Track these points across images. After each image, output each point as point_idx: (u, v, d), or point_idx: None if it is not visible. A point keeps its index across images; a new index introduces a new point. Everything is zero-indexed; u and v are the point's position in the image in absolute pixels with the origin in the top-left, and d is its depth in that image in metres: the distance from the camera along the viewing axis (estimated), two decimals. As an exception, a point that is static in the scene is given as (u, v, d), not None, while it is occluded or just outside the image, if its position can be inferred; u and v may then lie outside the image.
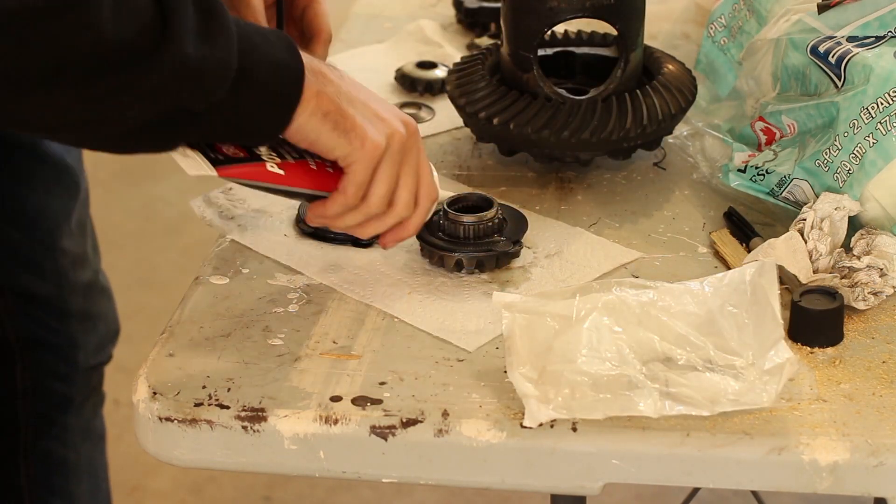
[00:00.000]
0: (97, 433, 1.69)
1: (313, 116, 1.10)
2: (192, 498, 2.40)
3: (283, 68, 1.09)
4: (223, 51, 1.04)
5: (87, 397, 1.64)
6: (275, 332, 1.15)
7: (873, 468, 1.02)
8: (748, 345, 1.06)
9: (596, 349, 1.05)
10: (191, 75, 1.03)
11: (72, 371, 1.60)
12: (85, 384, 1.63)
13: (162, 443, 1.08)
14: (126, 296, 2.89)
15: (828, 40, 1.28)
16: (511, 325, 1.07)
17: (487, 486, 1.06)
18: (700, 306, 1.07)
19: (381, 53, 1.68)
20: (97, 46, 0.98)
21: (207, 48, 1.03)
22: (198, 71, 1.03)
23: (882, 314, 1.17)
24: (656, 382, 1.04)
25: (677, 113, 1.37)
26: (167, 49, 1.00)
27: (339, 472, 1.07)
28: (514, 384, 1.05)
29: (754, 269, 1.07)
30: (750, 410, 1.04)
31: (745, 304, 1.07)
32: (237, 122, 1.08)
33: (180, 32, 1.01)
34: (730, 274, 1.08)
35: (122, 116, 1.03)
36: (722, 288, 1.08)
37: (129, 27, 0.99)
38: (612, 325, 1.06)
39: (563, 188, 1.37)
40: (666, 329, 1.06)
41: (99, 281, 1.65)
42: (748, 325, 1.06)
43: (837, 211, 1.21)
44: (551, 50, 1.49)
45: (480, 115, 1.36)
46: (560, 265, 1.24)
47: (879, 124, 1.20)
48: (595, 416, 1.04)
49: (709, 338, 1.06)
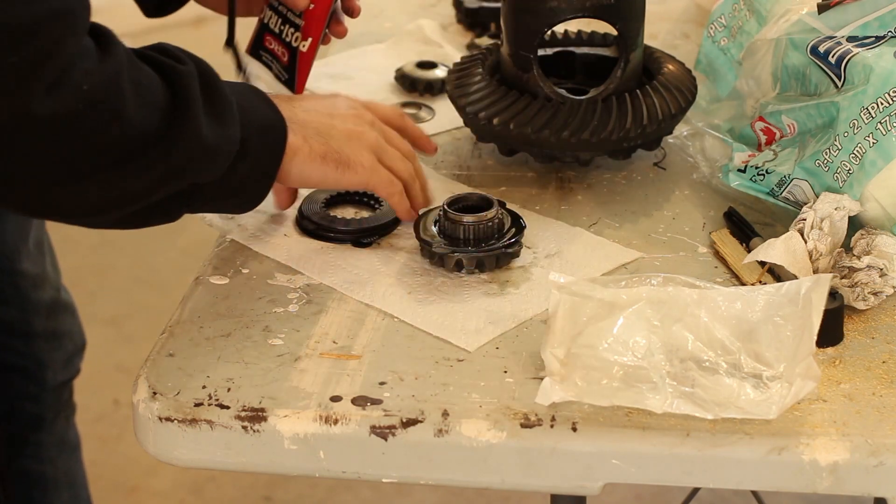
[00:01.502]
0: (71, 444, 1.69)
1: (311, 161, 1.19)
2: (192, 498, 2.40)
3: (271, 128, 1.17)
4: (230, 127, 1.11)
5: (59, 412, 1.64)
6: (275, 332, 1.15)
7: (873, 468, 1.02)
8: (783, 357, 1.06)
9: (624, 339, 1.06)
10: (207, 154, 1.09)
11: (41, 390, 1.60)
12: (55, 401, 1.62)
13: (162, 443, 1.08)
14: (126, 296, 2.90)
15: (828, 40, 1.28)
16: (556, 305, 1.08)
17: (487, 486, 1.06)
18: (749, 312, 1.07)
19: (381, 53, 1.68)
20: (124, 135, 1.04)
21: (218, 126, 1.10)
22: (213, 149, 1.10)
23: (882, 314, 1.17)
24: (675, 380, 1.04)
25: (677, 113, 1.37)
26: (185, 132, 1.07)
27: (339, 472, 1.07)
28: (545, 362, 1.06)
29: (811, 282, 1.07)
30: (750, 410, 1.05)
31: (793, 317, 1.06)
32: (234, 187, 1.15)
33: (194, 114, 1.07)
34: (787, 284, 1.08)
35: (145, 198, 1.08)
36: (777, 297, 1.07)
37: (150, 114, 1.05)
38: (651, 318, 1.06)
39: (563, 188, 1.37)
40: (703, 330, 1.07)
41: (61, 298, 1.64)
42: (789, 338, 1.06)
43: (837, 211, 1.21)
44: (551, 50, 1.49)
45: (480, 115, 1.36)
46: (560, 265, 1.24)
47: (879, 124, 1.20)
48: (601, 403, 1.04)
49: (746, 344, 1.06)
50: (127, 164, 1.05)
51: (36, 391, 1.59)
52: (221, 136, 1.11)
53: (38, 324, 1.59)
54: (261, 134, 1.16)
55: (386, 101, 1.57)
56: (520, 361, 1.11)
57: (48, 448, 1.63)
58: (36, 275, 1.58)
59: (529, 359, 1.11)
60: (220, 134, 1.10)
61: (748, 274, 1.21)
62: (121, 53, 1.05)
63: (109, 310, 2.81)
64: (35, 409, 1.60)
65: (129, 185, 1.06)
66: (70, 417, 1.68)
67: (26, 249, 1.56)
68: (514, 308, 1.18)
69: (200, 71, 1.11)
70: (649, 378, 1.05)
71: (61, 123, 1.01)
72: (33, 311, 1.58)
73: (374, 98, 1.43)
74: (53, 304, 1.61)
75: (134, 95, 1.04)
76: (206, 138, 1.09)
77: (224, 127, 1.11)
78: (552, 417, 1.05)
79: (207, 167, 1.11)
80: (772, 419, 1.03)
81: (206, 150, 1.09)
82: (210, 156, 1.10)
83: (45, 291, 1.60)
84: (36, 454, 1.61)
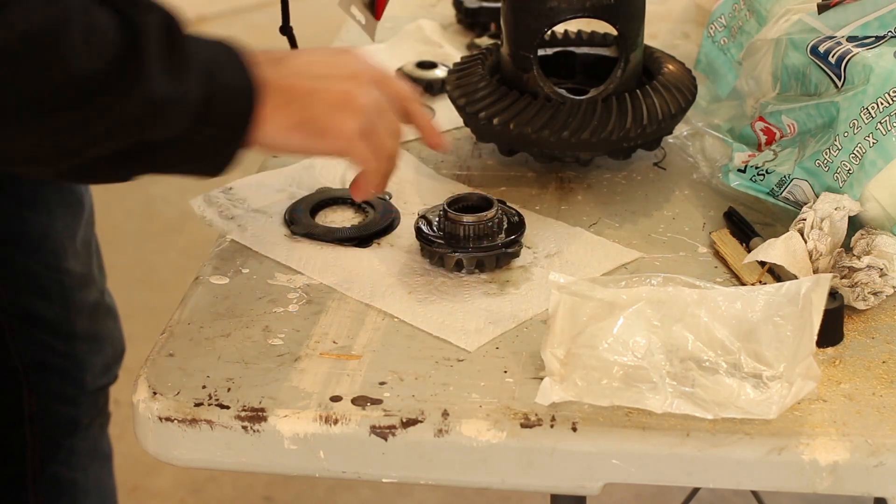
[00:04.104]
0: (104, 453, 1.68)
1: (283, 130, 1.10)
2: (192, 498, 2.40)
3: (240, 92, 1.08)
4: (186, 84, 1.03)
5: (94, 418, 1.63)
6: (275, 332, 1.15)
7: (873, 468, 1.02)
8: (783, 357, 1.06)
9: (624, 339, 1.06)
10: (155, 110, 1.02)
11: (78, 394, 1.59)
12: (92, 406, 1.61)
13: (162, 443, 1.08)
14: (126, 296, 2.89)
15: (828, 40, 1.28)
16: (556, 305, 1.08)
17: (487, 486, 1.06)
18: (749, 312, 1.07)
19: (381, 53, 1.68)
20: (65, 80, 0.98)
21: (172, 82, 1.02)
22: (162, 106, 1.02)
23: (882, 314, 1.17)
24: (675, 380, 1.04)
25: (677, 113, 1.37)
26: (132, 84, 1.00)
27: (339, 472, 1.07)
28: (545, 362, 1.06)
29: (811, 282, 1.07)
30: (750, 410, 1.04)
31: (792, 317, 1.06)
32: (194, 150, 1.08)
33: (145, 66, 1.01)
34: (787, 284, 1.08)
35: (85, 150, 1.02)
36: (778, 297, 1.07)
37: (97, 61, 0.99)
38: (652, 318, 1.06)
39: (563, 188, 1.37)
40: (704, 330, 1.06)
41: (105, 301, 1.63)
42: (789, 338, 1.06)
43: (837, 211, 1.21)
44: (551, 50, 1.49)
45: (480, 115, 1.36)
46: (560, 265, 1.24)
47: (879, 124, 1.20)
48: (601, 403, 1.04)
49: (746, 344, 1.06)
50: (64, 111, 0.98)
51: (73, 394, 1.58)
52: (174, 92, 1.02)
53: (81, 325, 1.57)
54: (228, 98, 1.07)
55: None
56: (520, 361, 1.11)
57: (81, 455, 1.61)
58: (82, 275, 1.57)
59: (529, 359, 1.11)
60: (173, 90, 1.02)
61: (748, 274, 1.21)
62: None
63: (109, 310, 2.81)
64: (71, 413, 1.58)
65: (67, 136, 1.00)
66: (105, 426, 1.67)
67: (73, 248, 1.55)
68: (514, 308, 1.18)
69: (165, 23, 1.03)
70: (649, 378, 1.05)
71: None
72: (76, 311, 1.57)
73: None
74: (97, 307, 1.60)
75: (81, 42, 0.97)
76: (154, 93, 1.01)
77: (179, 83, 1.03)
78: (552, 417, 1.05)
79: (155, 124, 1.03)
80: (772, 419, 1.03)
81: (154, 106, 1.02)
82: (158, 112, 1.02)
83: (89, 292, 1.59)
84: (68, 461, 1.60)
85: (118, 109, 1.00)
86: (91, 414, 1.61)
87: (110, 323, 1.64)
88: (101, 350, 1.61)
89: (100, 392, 1.63)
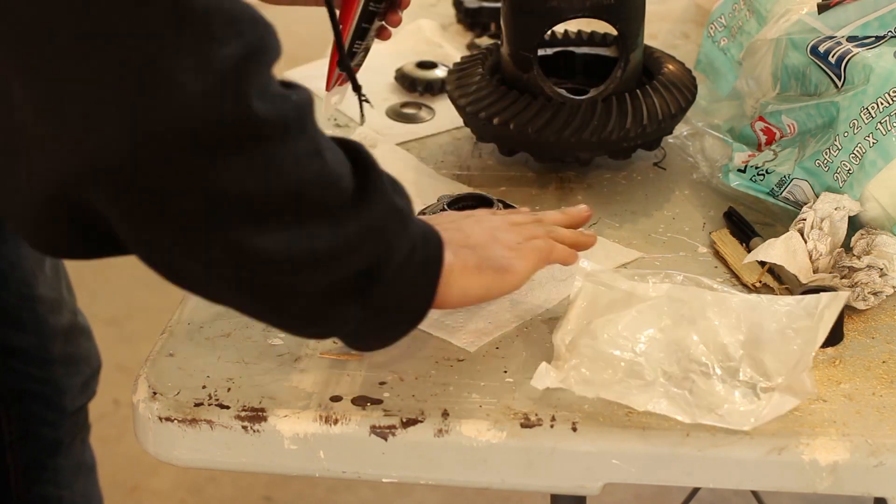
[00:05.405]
0: (88, 465, 1.68)
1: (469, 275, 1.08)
2: (192, 498, 2.40)
3: (430, 233, 1.04)
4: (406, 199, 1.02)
5: (76, 435, 1.63)
6: (275, 331, 1.15)
7: (873, 468, 1.02)
8: (783, 369, 1.05)
9: (628, 334, 1.06)
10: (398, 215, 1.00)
11: (59, 416, 1.59)
12: (73, 425, 1.61)
13: (162, 443, 1.08)
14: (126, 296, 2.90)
15: (828, 40, 1.28)
16: (577, 292, 1.09)
17: (487, 486, 1.06)
18: (763, 320, 1.07)
19: (381, 53, 1.68)
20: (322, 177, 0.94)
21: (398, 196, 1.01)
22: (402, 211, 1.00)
23: (882, 314, 1.17)
24: (671, 380, 1.04)
25: (677, 113, 1.37)
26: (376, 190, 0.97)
27: (339, 472, 1.07)
28: (554, 347, 1.07)
29: (829, 298, 1.07)
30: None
31: (804, 331, 1.06)
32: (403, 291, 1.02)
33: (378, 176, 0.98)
34: (808, 298, 1.07)
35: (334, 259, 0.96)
36: (797, 309, 1.07)
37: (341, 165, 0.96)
38: (664, 316, 1.07)
39: (563, 188, 1.37)
40: (711, 333, 1.06)
41: (78, 322, 1.62)
42: (794, 352, 1.05)
43: (837, 211, 1.21)
44: (551, 50, 1.49)
45: (480, 115, 1.36)
46: (560, 265, 1.24)
47: (879, 124, 1.20)
48: (587, 394, 1.04)
49: (752, 352, 1.06)
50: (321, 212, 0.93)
51: (53, 417, 1.58)
52: (405, 204, 1.01)
53: (56, 349, 1.57)
54: (423, 238, 1.03)
55: (386, 101, 1.57)
56: (520, 361, 1.11)
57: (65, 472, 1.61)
58: (53, 299, 1.57)
59: (529, 359, 1.11)
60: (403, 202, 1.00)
61: (748, 274, 1.21)
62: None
63: (109, 310, 2.80)
64: (52, 435, 1.58)
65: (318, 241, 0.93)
66: (86, 439, 1.67)
67: (43, 274, 1.54)
68: (515, 308, 1.18)
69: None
70: (642, 375, 1.05)
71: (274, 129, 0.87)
72: (51, 336, 1.56)
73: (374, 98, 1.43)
74: (71, 329, 1.60)
75: (326, 142, 0.94)
76: (395, 201, 0.99)
77: (402, 198, 1.01)
78: (552, 417, 1.05)
79: (401, 230, 0.99)
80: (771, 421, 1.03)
81: (397, 211, 0.99)
82: (402, 218, 1.00)
83: (62, 316, 1.58)
84: (54, 479, 1.60)
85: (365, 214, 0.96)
86: (73, 432, 1.61)
87: (85, 342, 1.63)
88: (78, 371, 1.61)
89: (79, 411, 1.63)
